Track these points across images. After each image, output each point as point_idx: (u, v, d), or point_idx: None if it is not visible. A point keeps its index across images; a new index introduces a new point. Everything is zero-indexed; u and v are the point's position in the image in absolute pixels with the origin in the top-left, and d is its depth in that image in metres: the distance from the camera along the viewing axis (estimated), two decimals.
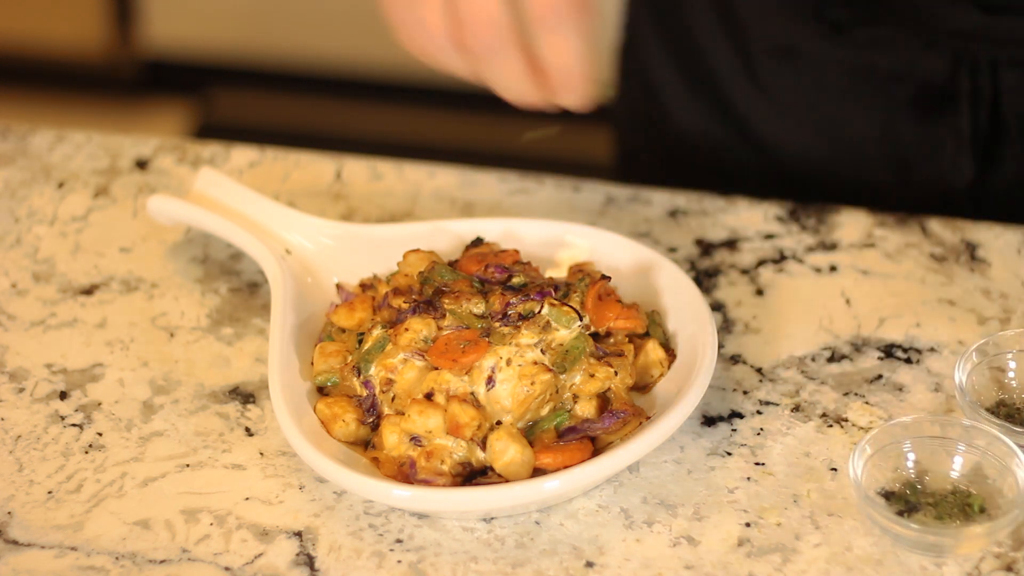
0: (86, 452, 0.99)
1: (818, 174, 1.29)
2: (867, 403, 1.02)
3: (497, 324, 0.96)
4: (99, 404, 1.02)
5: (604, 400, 0.97)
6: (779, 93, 1.28)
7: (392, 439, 0.95)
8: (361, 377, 0.98)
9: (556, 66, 0.95)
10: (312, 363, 1.01)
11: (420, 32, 0.96)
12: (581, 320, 0.97)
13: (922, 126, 1.24)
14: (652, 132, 1.38)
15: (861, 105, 1.26)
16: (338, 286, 1.07)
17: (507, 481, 0.93)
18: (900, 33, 1.22)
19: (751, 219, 1.16)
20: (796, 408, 1.01)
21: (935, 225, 1.15)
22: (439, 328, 0.96)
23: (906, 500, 0.94)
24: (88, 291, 1.11)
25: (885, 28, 1.22)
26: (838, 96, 1.26)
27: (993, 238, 1.14)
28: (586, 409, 0.96)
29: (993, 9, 1.18)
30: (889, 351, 1.05)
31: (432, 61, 0.97)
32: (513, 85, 0.96)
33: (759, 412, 1.01)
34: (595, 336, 0.99)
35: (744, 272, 1.12)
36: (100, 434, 1.00)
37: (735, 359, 1.05)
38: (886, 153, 1.26)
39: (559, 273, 1.06)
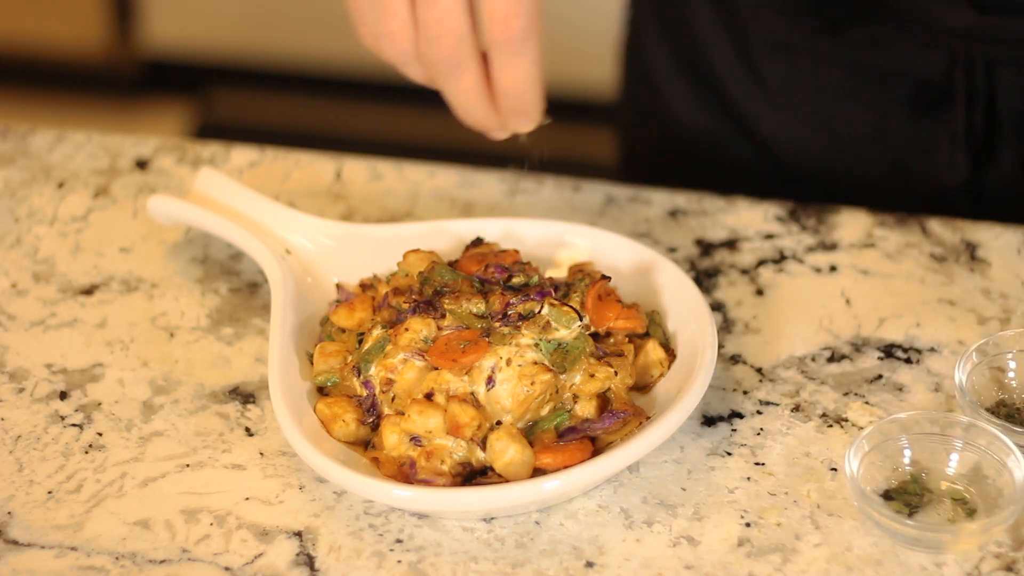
0: (86, 452, 0.99)
1: (816, 171, 1.29)
2: (867, 403, 1.02)
3: (497, 324, 0.96)
4: (99, 404, 1.02)
5: (604, 400, 0.97)
6: (777, 90, 1.28)
7: (392, 439, 0.95)
8: (361, 377, 0.98)
9: (510, 90, 0.96)
10: (312, 363, 1.01)
11: (384, 39, 0.97)
12: (581, 320, 0.97)
13: (918, 124, 1.25)
14: (653, 127, 1.38)
15: (858, 103, 1.26)
16: (338, 286, 1.07)
17: (507, 481, 0.93)
18: (896, 32, 1.22)
19: (751, 219, 1.16)
20: (796, 408, 1.01)
21: (935, 225, 1.15)
22: (439, 328, 0.96)
23: (904, 498, 0.94)
24: (88, 291, 1.11)
25: (882, 27, 1.22)
26: (835, 93, 1.26)
27: (993, 238, 1.14)
28: (586, 409, 0.96)
29: (988, 9, 1.18)
30: (889, 351, 1.05)
31: (392, 65, 0.99)
32: (468, 101, 0.97)
33: (759, 412, 1.01)
34: (595, 336, 0.99)
35: (744, 272, 1.12)
36: (100, 434, 1.00)
37: (735, 359, 1.05)
38: (882, 150, 1.26)
39: (559, 273, 1.06)
